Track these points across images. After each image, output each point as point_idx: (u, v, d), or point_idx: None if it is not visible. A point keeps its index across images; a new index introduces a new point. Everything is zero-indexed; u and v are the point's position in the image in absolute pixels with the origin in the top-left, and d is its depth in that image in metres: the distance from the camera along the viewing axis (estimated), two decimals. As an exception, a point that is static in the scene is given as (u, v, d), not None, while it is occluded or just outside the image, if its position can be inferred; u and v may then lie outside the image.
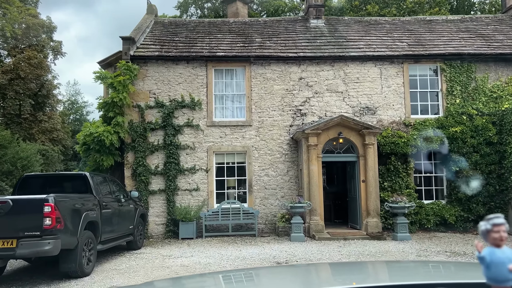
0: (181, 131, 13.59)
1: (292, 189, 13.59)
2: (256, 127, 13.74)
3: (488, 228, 1.31)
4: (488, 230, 1.31)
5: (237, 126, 13.73)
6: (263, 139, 13.71)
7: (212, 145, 13.63)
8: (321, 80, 13.95)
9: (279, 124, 13.78)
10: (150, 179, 13.38)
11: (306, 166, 12.44)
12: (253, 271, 3.01)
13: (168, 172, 13.28)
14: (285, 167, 13.64)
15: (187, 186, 13.47)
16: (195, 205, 13.36)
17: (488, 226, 1.31)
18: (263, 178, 13.61)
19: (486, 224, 1.32)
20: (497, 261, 1.26)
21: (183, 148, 13.52)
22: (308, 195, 12.33)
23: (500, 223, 1.31)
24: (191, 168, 13.48)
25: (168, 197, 13.25)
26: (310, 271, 2.89)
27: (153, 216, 13.35)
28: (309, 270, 3.01)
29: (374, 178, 12.36)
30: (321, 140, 12.49)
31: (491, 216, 1.32)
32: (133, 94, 13.61)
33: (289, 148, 13.69)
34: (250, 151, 13.64)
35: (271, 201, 13.56)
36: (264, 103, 13.82)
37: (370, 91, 13.97)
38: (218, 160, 13.82)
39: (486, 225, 1.32)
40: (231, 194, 13.83)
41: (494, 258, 1.27)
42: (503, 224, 1.29)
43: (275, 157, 13.67)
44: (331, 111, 13.81)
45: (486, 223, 1.33)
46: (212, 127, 13.70)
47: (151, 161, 13.50)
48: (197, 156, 13.57)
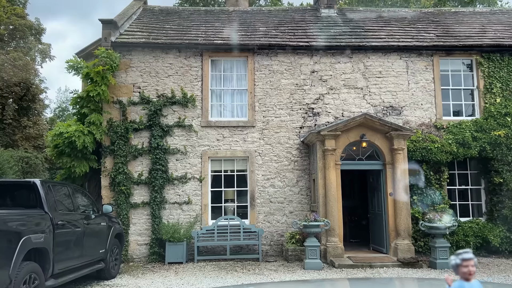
0: (170, 132, 11.36)
1: (302, 203, 11.35)
2: (260, 128, 11.54)
3: (457, 262, 1.36)
4: (458, 264, 1.36)
5: (237, 127, 11.53)
6: (268, 142, 11.51)
7: (207, 150, 11.40)
8: (337, 73, 11.82)
9: (287, 125, 11.59)
10: (132, 190, 11.10)
11: (321, 175, 10.22)
12: None
13: (153, 181, 11.01)
14: (294, 177, 11.42)
15: (177, 198, 11.20)
16: (186, 222, 11.08)
17: (457, 261, 1.37)
18: (268, 189, 11.37)
19: (455, 258, 1.36)
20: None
21: (172, 153, 11.28)
22: (324, 211, 10.09)
23: (468, 258, 1.38)
24: (181, 176, 11.23)
25: (153, 211, 10.96)
26: None
27: (134, 235, 11.04)
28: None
29: (405, 191, 10.16)
30: (340, 143, 10.30)
31: (461, 251, 1.38)
32: (113, 87, 11.40)
33: (299, 153, 11.49)
34: (253, 157, 11.42)
35: (277, 217, 11.30)
36: (270, 100, 11.65)
37: (394, 88, 11.84)
38: (214, 167, 11.59)
39: (455, 260, 1.36)
40: (230, 208, 11.56)
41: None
42: (472, 259, 1.36)
43: (283, 164, 11.46)
44: (349, 111, 11.66)
45: (456, 257, 1.37)
46: (207, 128, 11.48)
47: (133, 168, 11.23)
48: (189, 162, 11.33)
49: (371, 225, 11.46)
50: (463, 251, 1.42)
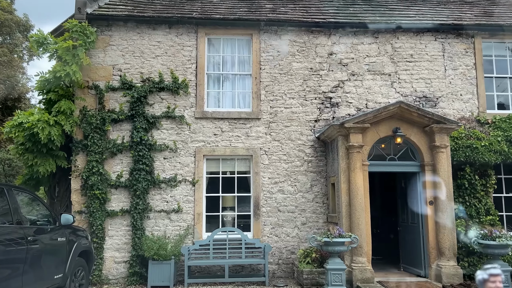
0: (157, 124, 9.30)
1: (318, 213, 9.28)
2: (267, 121, 9.50)
3: (485, 277, 1.33)
4: (485, 279, 1.33)
5: (239, 120, 9.48)
6: (277, 138, 9.46)
7: (202, 146, 9.34)
8: (360, 56, 9.82)
9: (300, 117, 9.56)
10: (109, 194, 9.01)
11: (344, 178, 8.17)
12: None
13: (135, 184, 8.92)
14: (307, 180, 9.37)
15: (164, 205, 9.12)
16: (175, 235, 8.98)
17: (485, 276, 1.34)
18: (276, 195, 9.30)
19: (483, 273, 1.35)
20: None
21: (159, 150, 9.21)
22: (348, 223, 8.03)
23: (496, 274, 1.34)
24: (170, 179, 9.15)
25: (134, 221, 8.86)
26: None
27: (111, 250, 8.93)
28: None
29: (449, 199, 8.12)
30: (368, 139, 8.27)
31: (488, 266, 1.35)
32: (88, 69, 9.34)
33: (314, 152, 9.45)
34: (258, 155, 9.37)
35: (287, 229, 9.22)
36: (279, 87, 9.62)
37: (428, 74, 9.85)
38: (210, 168, 9.52)
39: (483, 275, 1.35)
40: (229, 218, 9.47)
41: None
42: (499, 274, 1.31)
43: (294, 165, 9.40)
44: (374, 101, 9.64)
45: (483, 272, 1.35)
46: (203, 120, 9.43)
47: (111, 167, 9.15)
48: (179, 161, 9.26)
49: (401, 240, 9.39)
50: (490, 266, 1.29)
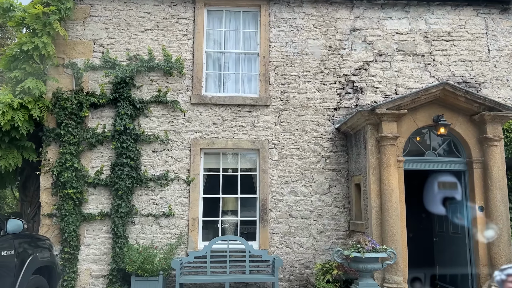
0: (145, 110, 7.75)
1: (337, 219, 7.71)
2: (277, 109, 7.95)
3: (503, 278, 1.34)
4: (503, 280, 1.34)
5: (243, 107, 7.93)
6: (288, 129, 7.91)
7: (199, 138, 7.78)
8: (388, 34, 8.28)
9: (316, 105, 8.00)
10: (86, 194, 7.45)
11: (374, 177, 6.60)
12: None
13: (118, 182, 7.36)
14: (325, 180, 7.80)
15: (152, 208, 7.55)
16: (165, 244, 7.42)
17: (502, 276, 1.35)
18: (287, 198, 7.74)
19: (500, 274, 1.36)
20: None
21: (147, 141, 7.66)
22: (379, 232, 6.46)
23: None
24: (160, 176, 7.59)
25: (115, 227, 7.28)
26: None
27: (87, 262, 7.35)
28: None
29: (504, 203, 6.56)
30: (404, 129, 6.72)
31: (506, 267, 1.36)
32: (64, 44, 7.80)
33: (333, 146, 7.89)
34: (266, 150, 7.81)
35: (300, 239, 7.65)
36: (291, 68, 8.08)
37: (469, 56, 8.31)
38: (209, 164, 7.96)
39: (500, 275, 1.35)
40: (230, 225, 7.90)
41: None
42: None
43: (309, 161, 7.84)
44: (405, 86, 8.10)
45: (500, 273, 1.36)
46: (200, 106, 7.88)
47: (88, 161, 7.59)
48: (172, 155, 7.70)
49: (438, 253, 7.82)
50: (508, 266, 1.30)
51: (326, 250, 7.63)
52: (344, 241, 7.59)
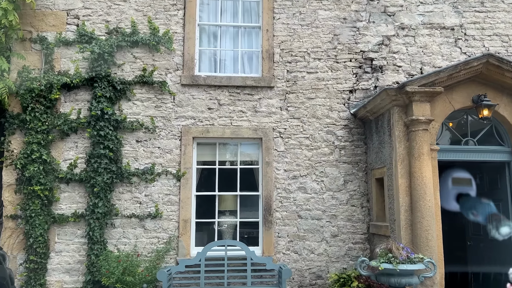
0: (127, 93, 6.58)
1: (354, 220, 6.56)
2: (283, 91, 6.78)
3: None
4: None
5: (243, 89, 6.75)
6: (296, 115, 6.74)
7: (191, 125, 6.61)
8: (412, 4, 7.11)
9: (329, 86, 6.84)
10: (57, 192, 6.27)
11: (403, 170, 5.44)
12: None
13: (94, 177, 6.18)
14: (339, 175, 6.65)
15: (135, 208, 6.38)
16: (150, 250, 6.25)
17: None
18: (295, 195, 6.57)
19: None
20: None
21: (130, 129, 6.48)
22: (409, 236, 5.30)
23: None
24: (145, 170, 6.42)
25: (91, 231, 6.11)
26: None
27: (58, 272, 6.18)
28: None
29: (561, 202, 5.40)
30: (437, 111, 5.56)
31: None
32: (31, 15, 6.62)
33: (349, 135, 6.73)
34: (270, 139, 6.64)
35: (311, 243, 6.49)
36: (299, 44, 6.91)
37: (506, 29, 7.15)
38: (203, 156, 6.79)
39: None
40: (228, 227, 6.74)
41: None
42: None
43: (320, 152, 6.68)
44: (431, 64, 6.93)
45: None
46: (193, 88, 6.70)
47: (60, 153, 6.41)
48: (159, 146, 6.53)
49: (472, 260, 6.66)
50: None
51: (341, 257, 6.47)
52: (362, 246, 6.45)
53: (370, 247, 6.46)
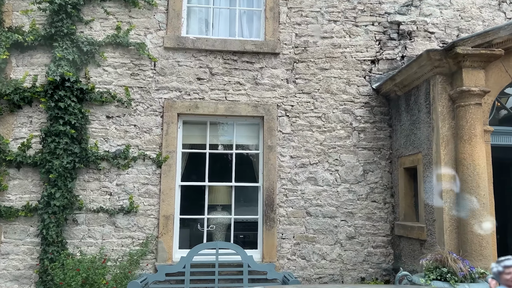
0: (96, 57, 5.25)
1: (375, 219, 5.34)
2: (290, 59, 5.51)
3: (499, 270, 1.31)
4: (500, 272, 1.31)
5: (241, 56, 5.46)
6: (306, 89, 5.48)
7: (176, 99, 5.31)
8: (448, -43, 5.88)
9: (346, 55, 5.59)
10: (4, 179, 4.96)
11: (447, 156, 4.22)
12: None
13: (51, 160, 4.86)
14: (358, 163, 5.42)
15: (104, 200, 5.08)
16: (122, 253, 4.97)
17: (499, 268, 1.32)
18: (304, 187, 5.33)
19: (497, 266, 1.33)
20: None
21: (99, 101, 5.17)
22: (456, 241, 4.08)
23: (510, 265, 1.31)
24: (117, 153, 5.13)
25: (45, 229, 4.79)
26: None
27: (4, 280, 4.88)
28: None
29: None
30: (490, 83, 4.33)
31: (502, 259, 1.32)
32: (-25, -45, 5.24)
33: (370, 114, 5.50)
34: (273, 118, 5.37)
35: (321, 246, 5.26)
36: (311, 2, 5.63)
37: (558, -8, 5.96)
38: (190, 137, 5.52)
39: (497, 267, 1.33)
40: (219, 226, 5.48)
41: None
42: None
43: (335, 136, 5.44)
44: (470, 31, 5.71)
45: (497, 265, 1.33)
46: (178, 52, 5.39)
47: (9, 130, 5.07)
48: (135, 123, 5.23)
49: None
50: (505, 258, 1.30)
51: (358, 264, 5.26)
52: (384, 251, 5.24)
53: (395, 252, 5.26)
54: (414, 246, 4.72)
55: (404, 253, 4.99)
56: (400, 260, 5.06)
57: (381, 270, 5.29)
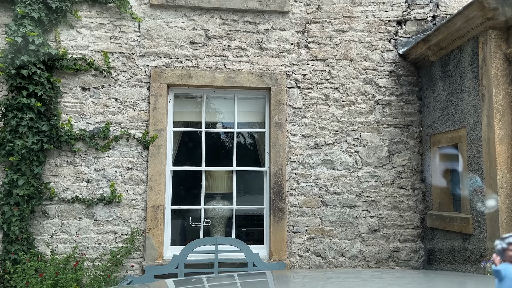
0: (69, 16, 4.35)
1: (402, 209, 4.53)
2: (301, 19, 4.63)
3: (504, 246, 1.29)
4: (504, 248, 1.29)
5: (243, 15, 4.58)
6: (320, 56, 4.61)
7: (165, 67, 4.43)
8: None
9: (368, 14, 4.71)
10: (-44, 163, 4.09)
11: (503, 130, 3.38)
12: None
13: (13, 140, 3.99)
14: (382, 142, 4.59)
15: (80, 189, 4.23)
16: (103, 252, 4.14)
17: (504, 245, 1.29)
18: (318, 172, 4.50)
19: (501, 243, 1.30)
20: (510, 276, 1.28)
21: (72, 70, 4.28)
22: None
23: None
24: (95, 132, 4.26)
25: (7, 223, 3.95)
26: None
27: (-40, 285, 4.05)
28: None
29: None
30: (559, 37, 3.47)
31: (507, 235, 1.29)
32: None
33: (396, 86, 4.65)
34: (282, 90, 4.51)
35: (340, 242, 4.45)
36: (326, -48, 4.73)
37: None
38: (182, 113, 4.66)
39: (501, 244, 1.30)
40: (219, 219, 4.66)
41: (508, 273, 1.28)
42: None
43: (355, 110, 4.59)
44: (515, -13, 4.84)
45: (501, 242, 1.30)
46: (167, 11, 4.50)
47: (-38, 104, 4.20)
48: (117, 96, 4.35)
49: None
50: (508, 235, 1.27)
51: (383, 261, 4.47)
52: (413, 246, 4.44)
53: (426, 248, 4.46)
54: (454, 241, 3.91)
55: (439, 249, 4.18)
56: (434, 257, 4.26)
57: (410, 268, 4.50)
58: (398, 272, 2.88)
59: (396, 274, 2.51)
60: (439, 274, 2.62)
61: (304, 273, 2.79)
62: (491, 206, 3.40)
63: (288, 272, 2.84)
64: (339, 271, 3.19)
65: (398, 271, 3.49)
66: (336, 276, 2.30)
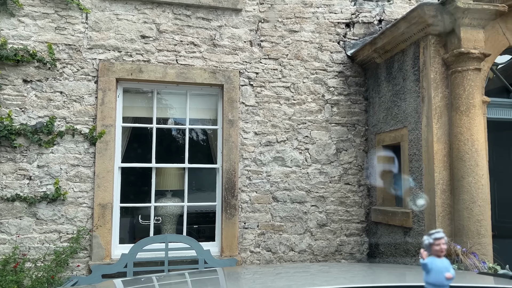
0: (9, 4, 4.09)
1: (348, 204, 4.73)
2: (254, 17, 4.66)
3: (430, 242, 1.44)
4: (431, 243, 1.44)
5: (196, 10, 4.53)
6: (272, 54, 4.68)
7: (115, 61, 4.29)
8: None
9: (319, 15, 4.84)
10: None
11: (440, 130, 3.62)
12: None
13: None
14: (330, 140, 4.75)
15: (22, 186, 4.02)
16: (46, 252, 3.96)
17: (430, 240, 1.45)
18: (270, 168, 4.58)
19: (428, 238, 1.45)
20: (436, 269, 1.42)
21: (12, 61, 4.03)
22: (449, 229, 3.52)
23: (440, 237, 1.45)
24: (38, 127, 4.06)
25: None
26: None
27: None
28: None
29: None
30: (488, 46, 3.75)
31: (433, 231, 1.45)
32: None
33: (344, 86, 4.82)
34: (234, 87, 4.53)
35: (290, 236, 4.56)
36: (279, -48, 4.79)
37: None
38: (132, 109, 4.55)
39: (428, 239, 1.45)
40: (170, 217, 4.61)
41: (434, 266, 1.42)
42: (443, 237, 1.44)
43: (306, 109, 4.71)
44: (453, -4, 5.16)
45: (428, 237, 1.45)
46: (116, 2, 4.36)
47: None
48: (62, 90, 4.16)
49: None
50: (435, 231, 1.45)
51: (330, 254, 4.64)
52: (359, 240, 4.65)
53: (370, 241, 4.68)
54: (396, 235, 4.15)
55: (382, 242, 4.41)
56: (378, 250, 4.49)
57: (355, 261, 4.71)
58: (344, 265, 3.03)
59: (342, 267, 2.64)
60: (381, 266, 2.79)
61: (255, 269, 2.85)
62: (420, 205, 3.66)
63: (239, 269, 2.88)
64: (288, 266, 3.29)
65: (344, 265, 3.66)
66: (286, 271, 2.37)
